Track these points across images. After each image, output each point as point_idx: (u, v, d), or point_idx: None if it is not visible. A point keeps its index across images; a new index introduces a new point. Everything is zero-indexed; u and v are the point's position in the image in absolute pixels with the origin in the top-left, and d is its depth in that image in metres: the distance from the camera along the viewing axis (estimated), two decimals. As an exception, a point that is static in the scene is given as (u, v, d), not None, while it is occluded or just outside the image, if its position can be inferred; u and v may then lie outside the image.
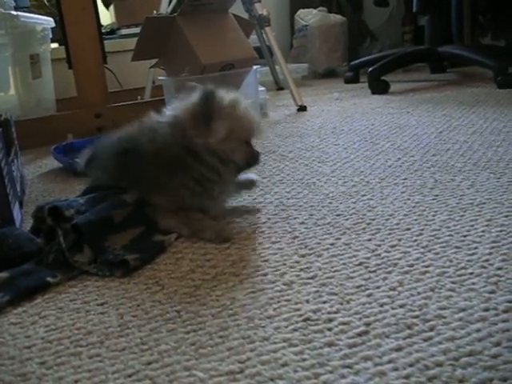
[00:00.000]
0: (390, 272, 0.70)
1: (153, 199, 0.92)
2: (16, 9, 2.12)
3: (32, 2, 2.71)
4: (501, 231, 0.79)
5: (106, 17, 3.06)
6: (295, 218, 0.92)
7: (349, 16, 3.19)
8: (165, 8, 2.25)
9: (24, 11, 2.17)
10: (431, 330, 0.57)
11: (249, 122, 0.96)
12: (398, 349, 0.54)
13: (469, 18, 2.65)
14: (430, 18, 2.62)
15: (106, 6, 3.11)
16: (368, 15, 3.35)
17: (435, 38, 2.59)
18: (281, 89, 2.67)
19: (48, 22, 2.33)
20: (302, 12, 3.18)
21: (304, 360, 0.54)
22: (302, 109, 2.02)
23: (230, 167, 0.93)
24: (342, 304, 0.64)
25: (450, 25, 2.67)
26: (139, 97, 2.30)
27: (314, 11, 3.13)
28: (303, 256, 0.77)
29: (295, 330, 0.59)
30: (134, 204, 0.90)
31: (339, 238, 0.82)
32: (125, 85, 2.68)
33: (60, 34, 2.14)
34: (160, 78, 1.89)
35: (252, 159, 0.96)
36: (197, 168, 0.90)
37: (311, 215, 0.93)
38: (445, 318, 0.59)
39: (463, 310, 0.60)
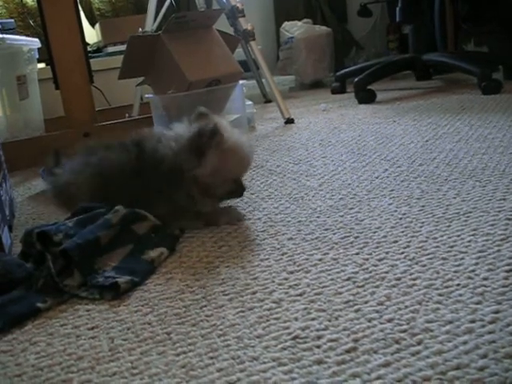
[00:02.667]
0: (377, 286, 0.71)
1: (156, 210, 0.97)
2: (2, 31, 2.13)
3: (18, 23, 2.72)
4: (487, 240, 0.80)
5: (92, 35, 3.07)
6: (283, 234, 0.93)
7: (334, 27, 3.22)
8: (150, 25, 2.26)
9: (10, 33, 2.18)
10: (419, 344, 0.57)
11: (241, 161, 1.01)
12: (386, 364, 0.55)
13: (452, 25, 2.68)
14: (413, 26, 2.64)
15: (92, 24, 3.13)
16: (353, 25, 3.39)
17: (419, 46, 2.61)
18: (268, 101, 2.68)
19: (34, 42, 2.34)
20: (287, 24, 3.20)
21: (293, 379, 0.54)
22: (290, 121, 2.03)
23: (210, 198, 0.99)
24: (330, 321, 0.64)
25: (434, 32, 2.70)
26: (127, 114, 2.31)
27: (299, 23, 3.16)
28: (292, 273, 0.78)
29: (284, 348, 0.60)
30: (119, 223, 0.91)
31: (327, 253, 0.83)
32: (112, 102, 2.68)
33: (46, 53, 2.15)
34: (147, 95, 1.89)
35: (235, 194, 1.03)
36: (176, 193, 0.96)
37: (299, 231, 0.94)
38: (432, 331, 0.59)
39: (450, 322, 0.61)
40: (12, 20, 2.55)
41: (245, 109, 1.88)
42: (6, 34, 2.11)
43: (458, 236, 0.83)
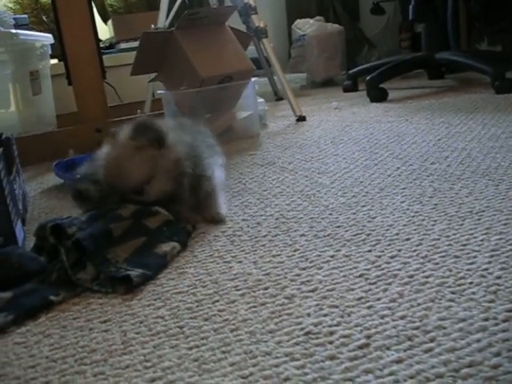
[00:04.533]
0: (390, 283, 0.71)
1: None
2: (15, 26, 2.14)
3: (31, 18, 2.73)
4: (500, 239, 0.80)
5: (105, 31, 3.08)
6: (296, 231, 0.93)
7: (346, 25, 3.22)
8: (162, 22, 2.26)
9: (23, 28, 2.19)
10: (432, 341, 0.57)
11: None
12: (399, 361, 0.55)
13: (465, 24, 2.66)
14: (426, 25, 2.63)
15: (105, 20, 3.14)
16: (365, 23, 3.38)
17: (432, 45, 2.60)
18: (280, 99, 2.68)
19: (47, 38, 2.35)
20: (299, 22, 3.20)
21: (306, 374, 0.54)
22: (301, 119, 2.03)
23: None
24: (342, 317, 0.64)
25: (447, 31, 2.69)
26: (139, 110, 2.32)
27: (311, 21, 3.16)
28: (304, 269, 0.78)
29: (297, 343, 0.60)
30: (131, 217, 0.92)
31: (339, 250, 0.83)
32: (124, 99, 2.69)
33: (58, 49, 2.16)
34: (159, 91, 1.90)
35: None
36: None
37: (311, 227, 0.94)
38: (445, 328, 0.59)
39: (463, 320, 0.60)
40: (25, 16, 2.56)
41: (257, 106, 1.88)
42: (20, 29, 2.12)
43: (471, 234, 0.83)
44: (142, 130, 0.99)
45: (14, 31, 2.01)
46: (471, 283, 0.69)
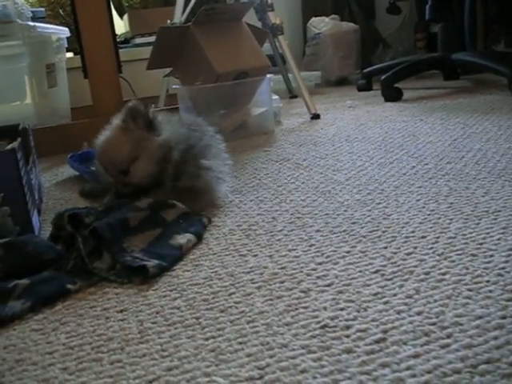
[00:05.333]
0: (406, 280, 0.71)
1: None
2: (33, 19, 2.15)
3: (48, 12, 2.75)
4: (517, 239, 0.80)
5: (120, 26, 3.09)
6: (311, 226, 0.93)
7: (361, 24, 3.21)
8: (178, 17, 2.27)
9: (40, 21, 2.20)
10: (448, 337, 0.57)
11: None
12: (416, 356, 0.55)
13: (482, 24, 2.65)
14: (443, 25, 2.62)
15: (120, 15, 3.15)
16: (380, 23, 3.37)
17: (448, 45, 2.59)
18: (294, 97, 2.68)
19: (63, 31, 2.37)
20: (314, 20, 3.20)
21: (323, 366, 0.54)
22: (316, 117, 2.02)
23: None
24: (359, 311, 0.64)
25: (463, 32, 2.68)
26: (153, 105, 2.32)
27: (327, 19, 3.15)
28: (320, 264, 0.78)
29: (313, 336, 0.60)
30: (148, 208, 0.92)
31: (355, 246, 0.83)
32: (138, 93, 2.70)
33: (74, 43, 2.17)
34: (174, 86, 1.91)
35: None
36: None
37: (327, 223, 0.94)
38: (462, 325, 0.59)
39: (480, 317, 0.60)
40: (42, 9, 2.57)
41: (271, 103, 1.88)
42: (37, 22, 2.13)
43: (488, 234, 0.83)
44: (133, 113, 1.05)
45: (31, 24, 2.03)
46: (488, 281, 0.68)
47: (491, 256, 0.75)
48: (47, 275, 0.80)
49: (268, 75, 1.82)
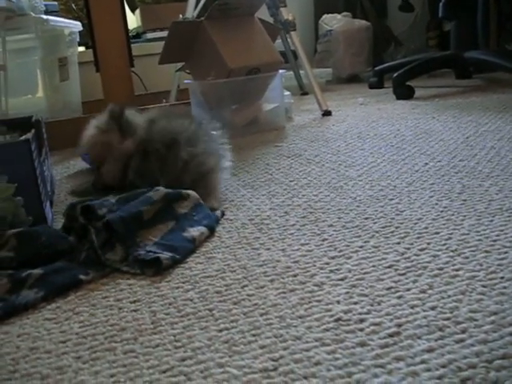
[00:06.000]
0: (419, 275, 0.71)
1: None
2: (46, 13, 2.16)
3: (60, 6, 2.75)
4: (531, 236, 0.79)
5: (132, 21, 3.09)
6: (324, 221, 0.93)
7: (373, 21, 3.19)
8: (190, 12, 2.26)
9: (53, 15, 2.21)
10: (463, 332, 0.57)
11: None
12: (430, 350, 0.54)
13: (495, 23, 2.63)
14: (456, 23, 2.60)
15: (132, 10, 3.15)
16: (392, 20, 3.35)
17: (461, 44, 2.57)
18: (305, 93, 2.68)
19: (76, 25, 2.37)
20: (326, 17, 3.19)
21: (336, 359, 0.54)
22: (327, 113, 2.02)
23: None
24: (372, 305, 0.64)
25: (476, 30, 2.66)
26: (164, 100, 2.33)
27: (339, 16, 3.14)
28: (333, 258, 0.78)
29: (327, 329, 0.60)
30: (161, 201, 0.92)
31: (368, 241, 0.83)
32: (150, 88, 2.71)
33: (86, 37, 2.17)
34: (186, 81, 1.91)
35: None
36: None
37: (339, 218, 0.94)
38: (476, 320, 0.59)
39: (495, 313, 0.60)
40: (55, 3, 2.58)
41: (283, 98, 1.88)
42: (50, 15, 2.13)
43: (501, 231, 0.82)
44: (113, 116, 1.14)
45: (44, 17, 2.03)
46: (502, 278, 0.68)
47: (505, 253, 0.75)
48: (60, 265, 0.80)
49: (280, 71, 1.82)
